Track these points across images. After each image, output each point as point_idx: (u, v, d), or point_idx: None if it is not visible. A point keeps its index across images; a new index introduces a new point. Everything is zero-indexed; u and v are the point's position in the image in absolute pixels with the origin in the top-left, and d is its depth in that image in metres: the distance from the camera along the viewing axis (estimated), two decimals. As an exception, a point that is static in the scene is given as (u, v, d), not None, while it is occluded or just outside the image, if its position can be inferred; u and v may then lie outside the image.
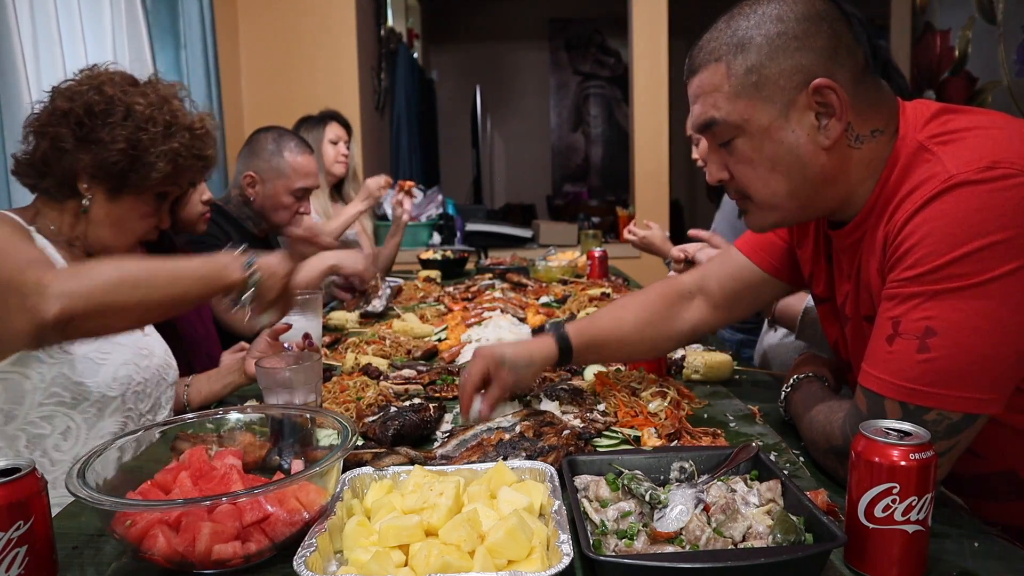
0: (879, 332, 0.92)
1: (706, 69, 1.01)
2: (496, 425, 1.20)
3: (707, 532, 0.81)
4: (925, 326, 0.87)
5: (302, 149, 2.36)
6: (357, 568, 0.80)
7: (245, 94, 4.07)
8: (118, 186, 1.32)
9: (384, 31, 5.08)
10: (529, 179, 8.08)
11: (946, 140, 0.92)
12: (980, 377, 0.86)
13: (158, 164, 1.30)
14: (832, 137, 0.96)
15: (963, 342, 0.85)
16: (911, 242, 0.88)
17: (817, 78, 0.94)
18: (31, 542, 0.77)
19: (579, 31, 7.93)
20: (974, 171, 0.85)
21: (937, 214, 0.87)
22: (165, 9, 2.94)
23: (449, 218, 4.42)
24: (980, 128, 0.92)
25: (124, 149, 1.28)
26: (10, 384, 1.22)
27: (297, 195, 2.34)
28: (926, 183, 0.89)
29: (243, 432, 1.08)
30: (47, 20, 2.14)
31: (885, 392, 0.90)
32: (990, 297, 0.84)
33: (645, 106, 4.35)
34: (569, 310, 2.18)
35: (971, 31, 3.60)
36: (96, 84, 1.31)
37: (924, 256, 0.87)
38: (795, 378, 1.24)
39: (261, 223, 2.39)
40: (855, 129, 0.97)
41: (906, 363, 0.88)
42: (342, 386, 1.46)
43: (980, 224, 0.84)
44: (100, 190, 1.32)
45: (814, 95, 0.95)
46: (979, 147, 0.88)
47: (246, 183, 2.32)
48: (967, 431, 0.89)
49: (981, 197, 0.84)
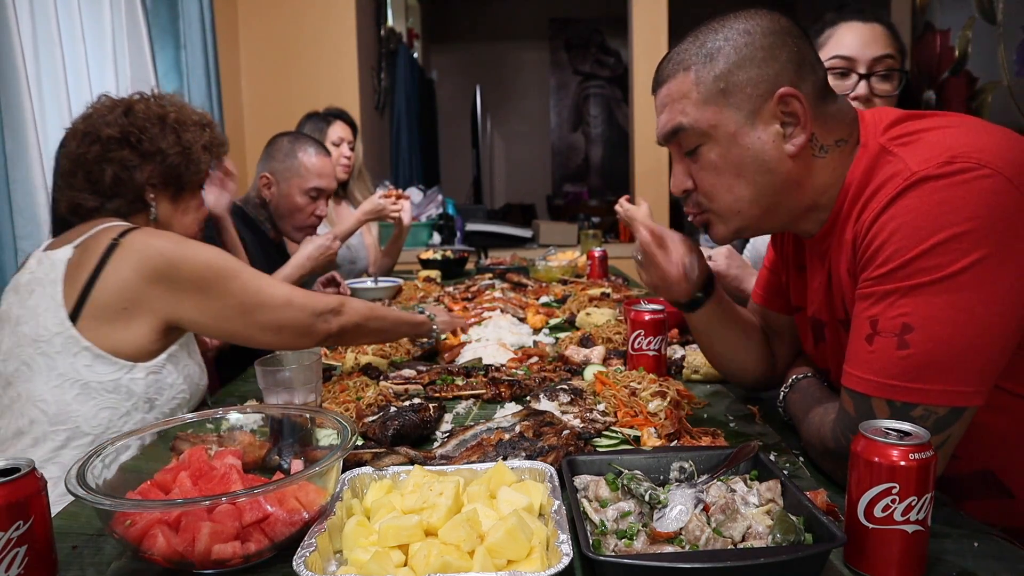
0: (857, 332, 0.93)
1: (674, 79, 1.05)
2: (496, 425, 1.20)
3: (707, 532, 0.81)
4: (902, 323, 0.88)
5: (317, 150, 2.40)
6: (357, 568, 0.80)
7: (245, 94, 4.08)
8: (180, 186, 1.49)
9: (384, 31, 5.08)
10: (529, 179, 8.09)
11: (906, 141, 0.95)
12: (961, 369, 0.87)
13: (203, 157, 1.50)
14: (797, 145, 0.99)
15: (940, 335, 0.86)
16: (880, 240, 0.90)
17: (783, 87, 0.98)
18: (31, 542, 0.77)
19: (579, 31, 7.93)
20: (935, 166, 0.87)
21: (903, 210, 0.89)
22: (165, 9, 2.94)
23: (449, 218, 4.42)
24: (937, 128, 0.95)
25: (180, 152, 1.45)
26: (160, 376, 1.37)
27: (311, 195, 2.37)
28: (890, 181, 0.91)
29: (243, 432, 1.08)
30: (47, 20, 2.14)
31: (870, 391, 0.91)
32: (961, 289, 0.85)
33: (645, 106, 4.35)
34: (569, 310, 2.18)
35: (971, 31, 3.60)
36: (124, 108, 1.45)
37: (893, 252, 0.89)
38: (793, 378, 1.24)
39: (276, 226, 2.43)
40: (819, 139, 1.01)
41: (887, 361, 0.89)
42: (342, 386, 1.46)
43: (943, 216, 0.86)
44: (164, 195, 1.48)
45: (779, 104, 0.98)
46: (937, 144, 0.91)
47: (262, 184, 2.37)
48: (956, 425, 0.89)
49: (943, 191, 0.86)
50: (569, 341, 1.77)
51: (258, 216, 2.41)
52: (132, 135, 1.41)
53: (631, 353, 1.50)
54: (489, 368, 1.57)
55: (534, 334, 1.98)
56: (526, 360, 1.67)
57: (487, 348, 1.76)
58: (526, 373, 1.55)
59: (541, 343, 1.84)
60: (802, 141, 0.99)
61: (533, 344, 1.84)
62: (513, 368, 1.61)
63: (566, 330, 2.01)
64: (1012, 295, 0.86)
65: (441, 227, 4.40)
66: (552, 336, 1.97)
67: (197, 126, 1.50)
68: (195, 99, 3.09)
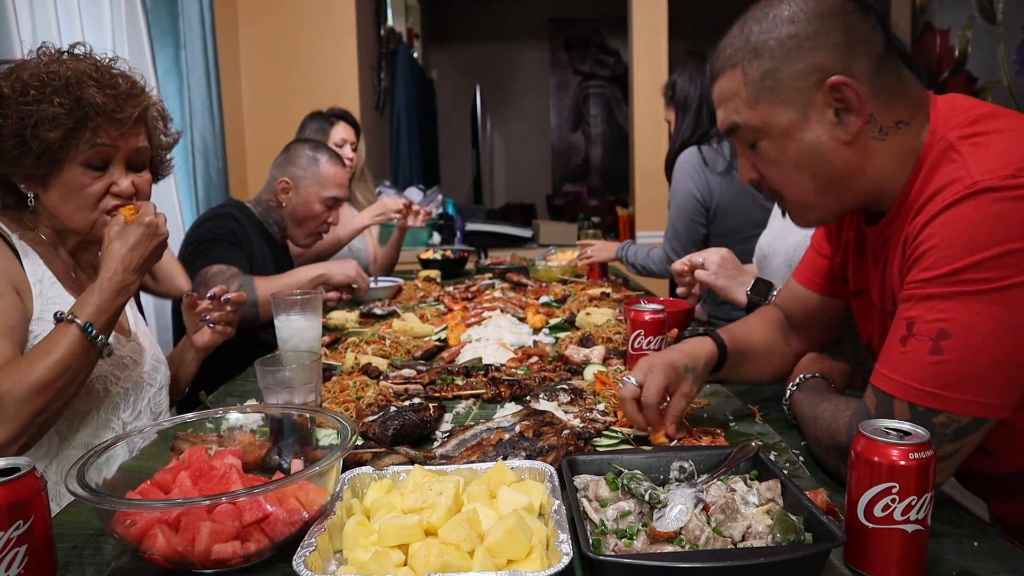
0: (894, 333, 0.92)
1: (724, 76, 1.03)
2: (496, 425, 1.20)
3: (706, 532, 0.81)
4: (939, 328, 0.87)
5: (337, 161, 2.43)
6: (357, 568, 0.80)
7: (245, 94, 4.07)
8: (37, 175, 1.30)
9: (384, 31, 5.08)
10: (529, 179, 8.09)
11: (976, 141, 0.91)
12: (991, 382, 0.86)
13: (46, 135, 1.25)
14: (852, 132, 0.96)
15: (977, 346, 0.85)
16: (929, 244, 0.88)
17: (833, 75, 0.94)
18: (31, 542, 0.77)
19: (579, 31, 7.93)
20: (998, 178, 0.85)
21: (958, 218, 0.86)
22: (165, 9, 2.94)
23: (449, 218, 4.42)
24: (1007, 131, 0.91)
25: (10, 136, 1.24)
26: None
27: (328, 204, 2.40)
28: (950, 186, 0.89)
29: (243, 432, 1.08)
30: (47, 20, 2.14)
31: (895, 392, 0.90)
32: (1006, 304, 0.84)
33: (645, 106, 4.35)
34: (569, 310, 2.18)
35: (971, 31, 3.60)
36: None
37: (941, 258, 0.87)
38: (800, 377, 1.24)
39: (284, 229, 2.44)
40: (878, 120, 0.97)
41: (918, 364, 0.88)
42: (342, 386, 1.46)
43: (1001, 231, 0.84)
44: (32, 185, 1.31)
45: (831, 92, 0.95)
46: (1005, 152, 0.88)
47: (280, 188, 2.38)
48: (974, 435, 0.89)
49: (1003, 204, 0.84)
50: (569, 341, 1.77)
51: (267, 218, 2.43)
52: None
53: (631, 353, 1.50)
54: (489, 368, 1.57)
55: (534, 334, 1.98)
56: (526, 360, 1.67)
57: (487, 348, 1.76)
58: (526, 373, 1.55)
59: (541, 343, 1.84)
60: (858, 127, 0.96)
61: (533, 344, 1.84)
62: (513, 368, 1.61)
63: (566, 330, 2.01)
64: None
65: (441, 227, 4.40)
66: (552, 336, 1.97)
67: (35, 94, 1.24)
68: (195, 99, 3.09)
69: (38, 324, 1.29)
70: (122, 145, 1.34)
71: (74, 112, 1.26)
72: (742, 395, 1.42)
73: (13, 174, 1.31)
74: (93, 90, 1.27)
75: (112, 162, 1.34)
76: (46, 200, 1.33)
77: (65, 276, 1.37)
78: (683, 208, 2.43)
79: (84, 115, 1.27)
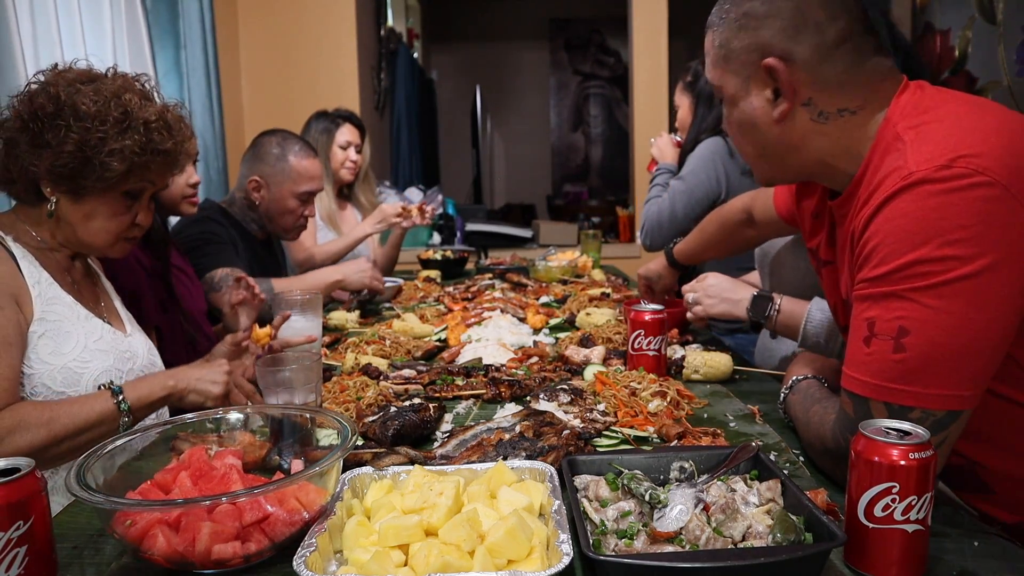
0: (856, 334, 0.93)
1: (707, 36, 1.10)
2: (496, 425, 1.20)
3: (707, 532, 0.81)
4: (899, 326, 0.88)
5: (307, 153, 2.37)
6: (357, 568, 0.80)
7: (245, 94, 4.08)
8: (76, 188, 1.31)
9: (384, 31, 5.08)
10: (529, 179, 8.08)
11: (918, 128, 0.93)
12: (956, 373, 0.87)
13: (112, 164, 1.28)
14: (782, 113, 1.01)
15: (935, 339, 0.86)
16: (875, 241, 0.90)
17: (769, 57, 0.99)
18: (31, 542, 0.77)
19: (579, 31, 7.93)
20: (933, 168, 0.86)
21: (897, 213, 0.88)
22: (165, 9, 2.94)
23: (449, 218, 4.42)
24: (953, 117, 0.92)
25: (73, 151, 1.26)
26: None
27: (302, 199, 2.35)
28: (889, 177, 0.91)
29: (243, 432, 1.08)
30: (47, 20, 2.14)
31: (868, 394, 0.91)
32: (955, 296, 0.85)
33: (645, 106, 4.36)
34: (569, 310, 2.18)
35: (971, 31, 3.60)
36: (46, 85, 1.30)
37: (887, 255, 0.88)
38: (794, 379, 1.24)
39: (265, 227, 2.41)
40: (817, 105, 1.00)
41: (884, 364, 0.89)
42: (342, 386, 1.46)
43: (936, 224, 0.85)
44: (62, 193, 1.32)
45: (767, 72, 1.00)
46: (942, 139, 0.89)
47: (251, 187, 2.33)
48: (953, 427, 0.90)
49: (938, 197, 0.86)
50: (569, 341, 1.77)
51: (244, 217, 2.38)
52: (28, 119, 1.27)
53: (631, 353, 1.50)
54: (489, 368, 1.57)
55: (534, 334, 1.98)
56: (526, 360, 1.67)
57: (487, 348, 1.76)
58: (526, 373, 1.55)
59: (541, 343, 1.84)
60: (785, 109, 1.01)
61: (533, 344, 1.84)
62: (513, 368, 1.61)
63: (566, 330, 2.01)
64: (1004, 302, 0.86)
65: (441, 227, 4.40)
66: (552, 336, 1.97)
67: (114, 125, 1.28)
68: (195, 99, 3.09)
69: (40, 325, 1.29)
70: (159, 183, 1.41)
71: (144, 152, 1.31)
72: (742, 395, 1.43)
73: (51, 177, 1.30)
74: (164, 135, 1.34)
75: (143, 193, 1.40)
76: (67, 210, 1.34)
77: (61, 276, 1.38)
78: (692, 194, 2.42)
79: (150, 157, 1.33)
